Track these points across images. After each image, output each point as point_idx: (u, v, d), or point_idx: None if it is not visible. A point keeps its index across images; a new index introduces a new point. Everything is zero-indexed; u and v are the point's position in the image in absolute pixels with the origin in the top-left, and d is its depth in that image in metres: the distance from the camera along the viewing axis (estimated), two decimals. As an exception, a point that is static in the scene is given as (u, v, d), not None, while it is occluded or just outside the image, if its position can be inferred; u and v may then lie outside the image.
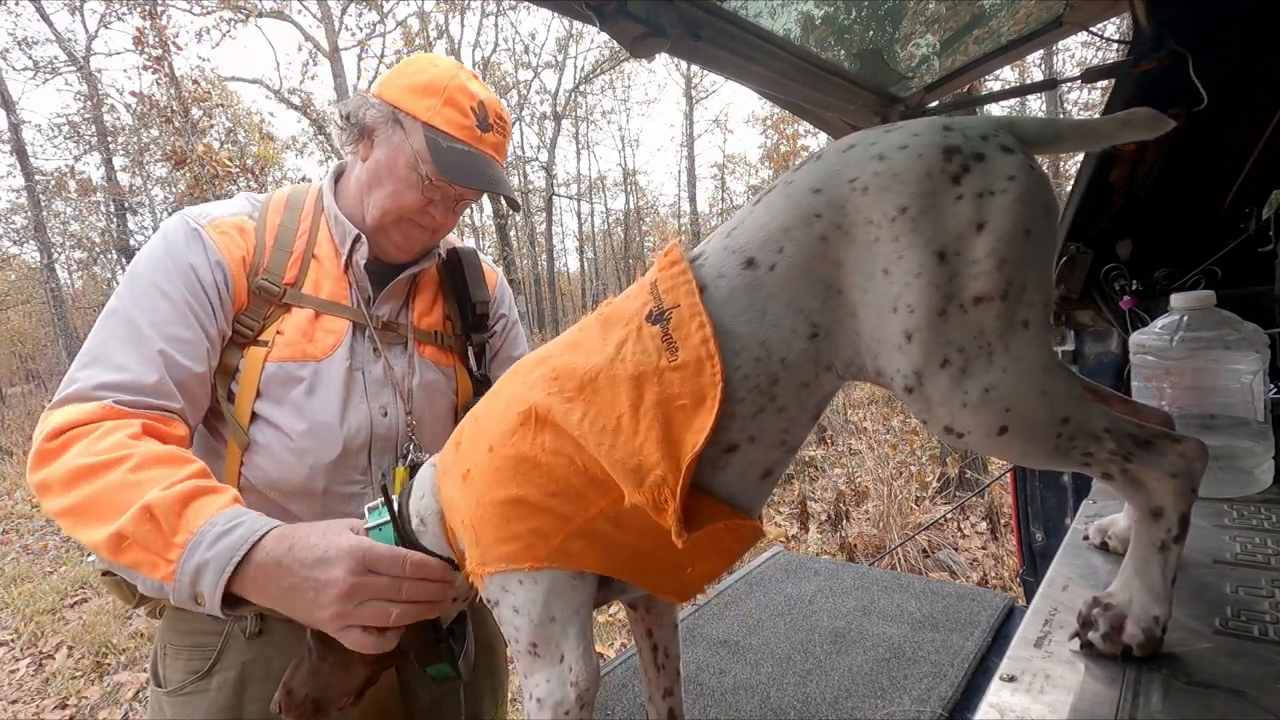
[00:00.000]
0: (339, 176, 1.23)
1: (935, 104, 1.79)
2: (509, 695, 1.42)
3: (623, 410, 0.73)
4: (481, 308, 1.29)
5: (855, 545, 4.52)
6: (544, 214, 19.60)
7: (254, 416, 1.07)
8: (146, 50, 9.24)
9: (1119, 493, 0.72)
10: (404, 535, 0.90)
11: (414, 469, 1.05)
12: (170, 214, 1.28)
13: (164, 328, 0.99)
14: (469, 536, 0.82)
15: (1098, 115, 0.87)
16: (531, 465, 0.77)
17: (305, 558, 0.84)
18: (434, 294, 1.28)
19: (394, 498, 0.94)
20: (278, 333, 1.08)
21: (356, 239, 1.15)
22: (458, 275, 1.29)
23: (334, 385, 1.09)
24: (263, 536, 0.85)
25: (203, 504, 0.88)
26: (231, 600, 0.85)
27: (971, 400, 0.66)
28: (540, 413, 0.78)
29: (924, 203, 0.66)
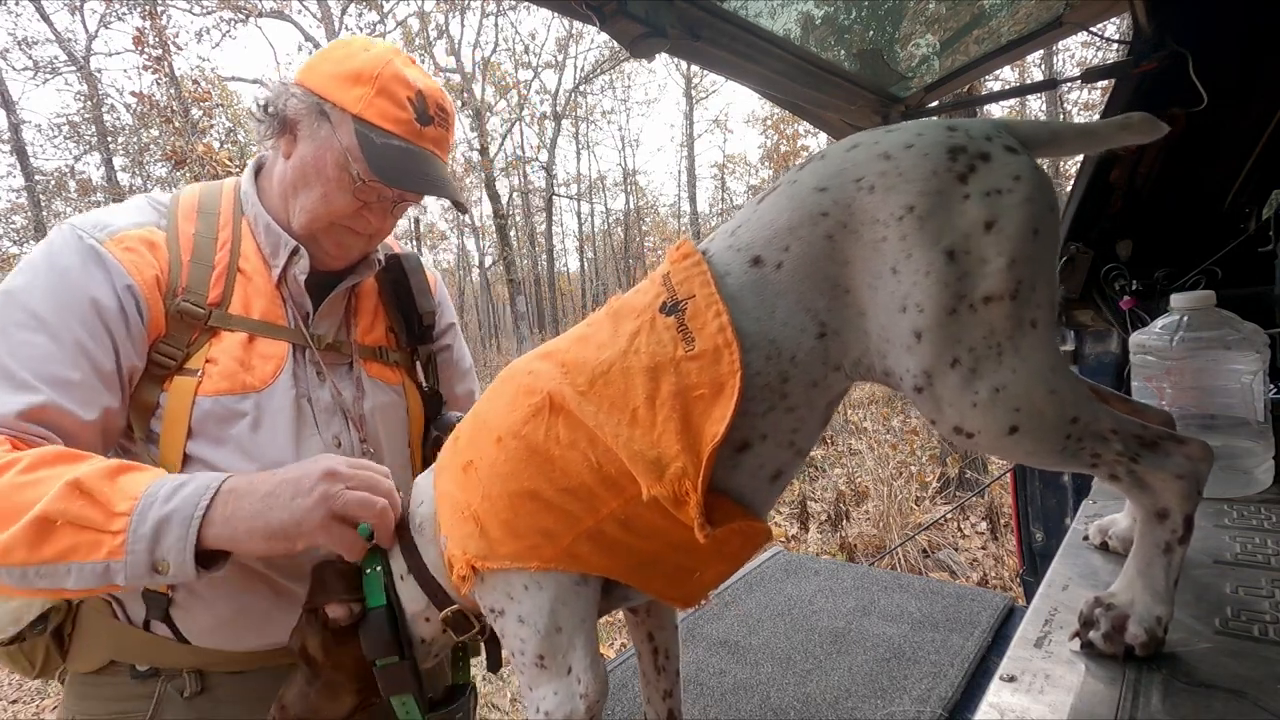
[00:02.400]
0: (258, 173, 1.08)
1: (935, 104, 1.79)
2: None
3: (638, 402, 0.72)
4: (429, 317, 1.19)
5: (855, 545, 4.52)
6: (544, 214, 19.60)
7: (186, 459, 0.93)
8: (146, 50, 9.25)
9: (1124, 494, 0.72)
10: (407, 544, 0.87)
11: None
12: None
13: (44, 368, 0.83)
14: (468, 528, 0.78)
15: (1097, 115, 0.87)
16: (544, 459, 0.76)
17: (278, 473, 0.82)
18: (375, 306, 1.16)
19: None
20: (207, 361, 0.94)
21: (295, 251, 1.02)
22: (400, 284, 1.18)
23: (281, 417, 0.97)
24: (224, 480, 0.81)
25: (135, 476, 0.80)
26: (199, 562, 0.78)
27: (981, 400, 0.66)
28: (555, 400, 0.76)
29: (931, 201, 0.66)
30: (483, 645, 0.93)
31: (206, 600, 0.95)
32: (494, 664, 0.92)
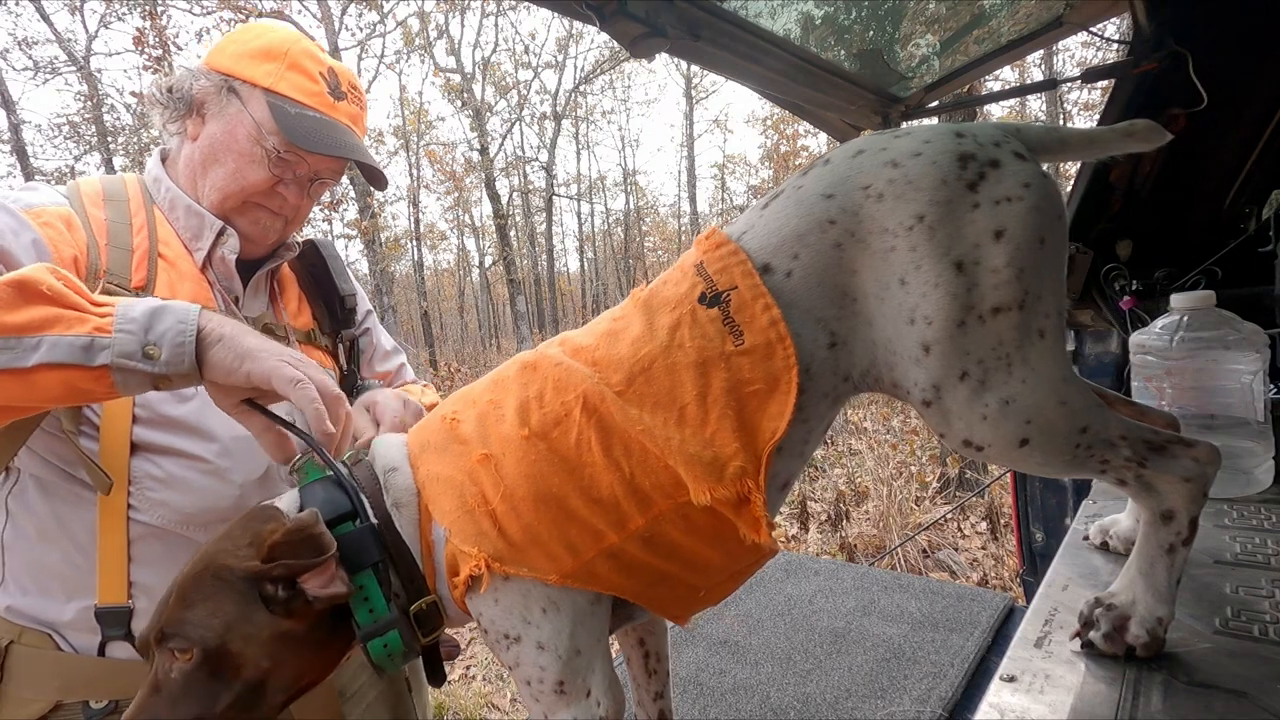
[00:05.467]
0: (164, 162, 1.05)
1: (935, 104, 1.79)
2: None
3: (687, 400, 0.70)
4: (350, 300, 1.17)
5: (855, 545, 4.51)
6: (544, 214, 19.61)
7: (135, 448, 0.88)
8: (146, 50, 9.24)
9: (1131, 497, 0.72)
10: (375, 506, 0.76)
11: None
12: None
13: None
14: (482, 526, 0.72)
15: (1098, 116, 0.87)
16: (575, 463, 0.72)
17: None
18: (298, 293, 1.15)
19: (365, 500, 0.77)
20: None
21: (221, 231, 0.99)
22: (318, 268, 1.16)
23: None
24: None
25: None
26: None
27: (991, 413, 0.65)
28: (590, 400, 0.72)
29: (941, 211, 0.65)
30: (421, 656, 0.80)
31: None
32: (437, 678, 0.83)
